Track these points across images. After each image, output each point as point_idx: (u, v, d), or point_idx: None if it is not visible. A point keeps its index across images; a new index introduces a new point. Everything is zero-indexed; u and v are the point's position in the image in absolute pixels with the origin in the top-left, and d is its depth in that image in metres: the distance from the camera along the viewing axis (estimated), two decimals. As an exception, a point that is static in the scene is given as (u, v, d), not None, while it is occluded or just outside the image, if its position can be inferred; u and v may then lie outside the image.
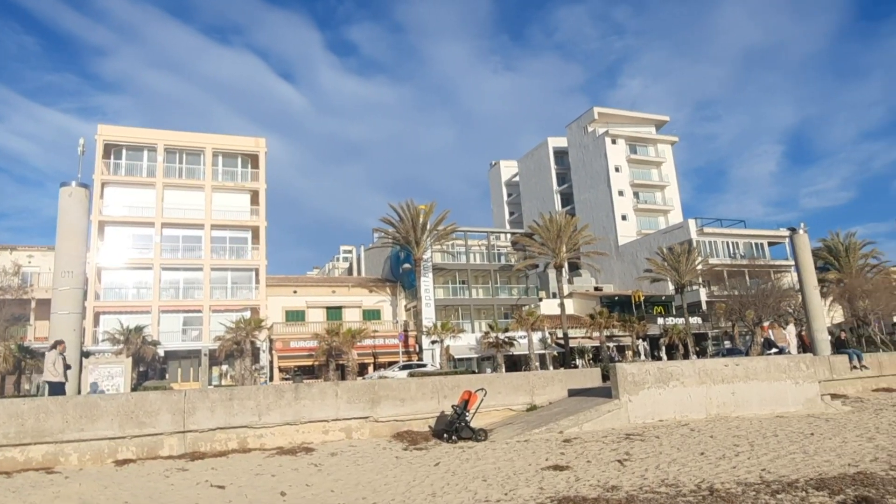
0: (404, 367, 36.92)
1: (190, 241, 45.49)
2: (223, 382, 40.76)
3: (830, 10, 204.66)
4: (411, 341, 46.52)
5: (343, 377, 38.98)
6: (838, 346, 21.03)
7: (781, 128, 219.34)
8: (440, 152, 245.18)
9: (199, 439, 11.25)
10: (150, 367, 40.57)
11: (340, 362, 41.14)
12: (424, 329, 44.24)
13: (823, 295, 38.72)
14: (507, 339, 42.64)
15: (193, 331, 43.92)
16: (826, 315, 39.29)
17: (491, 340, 42.78)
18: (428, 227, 47.34)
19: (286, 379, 40.47)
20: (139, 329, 38.07)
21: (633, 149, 72.95)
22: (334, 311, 48.29)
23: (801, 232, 23.62)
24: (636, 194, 71.48)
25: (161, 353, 40.45)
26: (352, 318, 47.39)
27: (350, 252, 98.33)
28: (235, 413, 11.68)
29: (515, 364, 44.55)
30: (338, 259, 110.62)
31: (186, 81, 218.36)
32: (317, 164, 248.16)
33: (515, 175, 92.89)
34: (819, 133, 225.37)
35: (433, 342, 43.05)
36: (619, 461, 9.37)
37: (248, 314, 43.39)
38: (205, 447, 11.16)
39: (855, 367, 18.80)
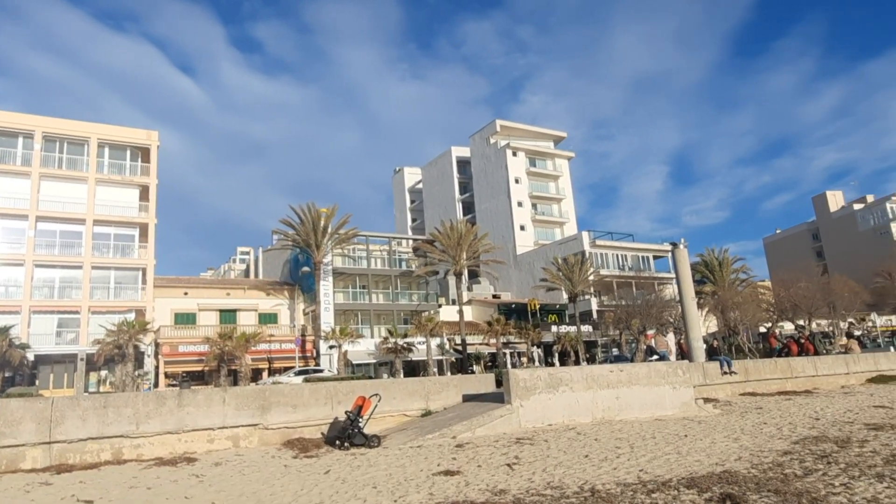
0: (300, 373, 36.02)
1: (69, 237, 42.15)
2: (101, 389, 38.02)
3: (712, 45, 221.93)
4: (309, 346, 45.50)
5: (235, 383, 37.45)
6: (711, 354, 22.59)
7: (667, 150, 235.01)
8: (345, 156, 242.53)
9: (68, 450, 10.41)
10: (18, 373, 37.12)
11: (233, 368, 39.52)
12: (323, 334, 43.42)
13: (700, 306, 41.62)
14: (405, 345, 42.66)
15: (69, 333, 40.67)
16: (702, 324, 42.24)
17: (389, 346, 42.64)
18: (329, 230, 46.58)
19: (172, 385, 38.35)
20: (4, 330, 34.78)
21: (532, 162, 75.36)
22: (228, 315, 46.38)
23: (681, 247, 25.20)
24: (534, 206, 73.83)
25: (31, 357, 37.14)
26: (247, 321, 45.70)
27: (247, 254, 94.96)
28: (110, 422, 10.91)
29: (413, 370, 44.64)
30: (234, 261, 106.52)
31: (75, 67, 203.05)
32: (216, 161, 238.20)
33: (419, 182, 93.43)
34: (699, 157, 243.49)
35: (331, 347, 42.33)
36: (508, 465, 9.57)
37: (132, 316, 40.74)
38: (74, 459, 10.35)
39: (725, 373, 20.28)
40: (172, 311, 44.62)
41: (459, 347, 45.67)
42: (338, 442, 11.82)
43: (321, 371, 38.01)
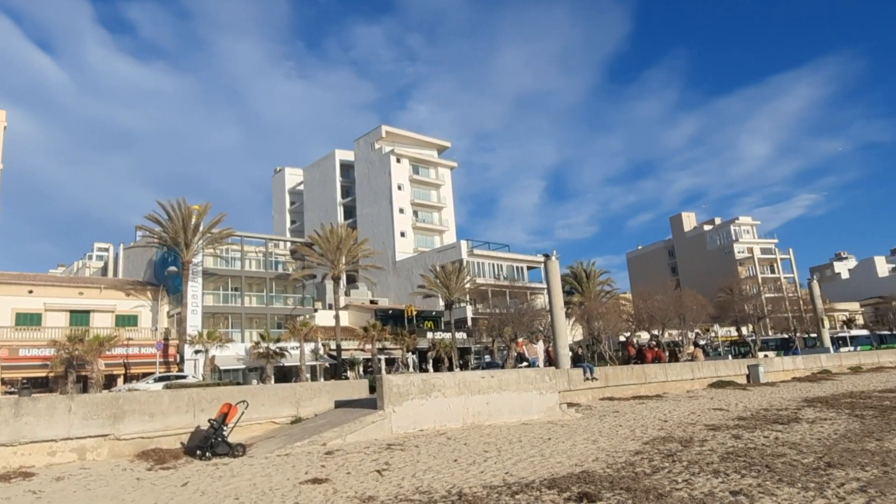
0: (161, 379, 33.74)
1: None
2: (-81, 397, 33.40)
3: (590, 70, 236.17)
4: (172, 351, 42.76)
5: (85, 390, 34.36)
6: (576, 361, 23.86)
7: (545, 166, 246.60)
8: (223, 152, 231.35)
9: None
10: None
11: (83, 374, 36.24)
12: (188, 338, 40.98)
13: (568, 315, 43.84)
14: (278, 350, 41.29)
15: None
16: (569, 333, 44.51)
17: (261, 351, 41.07)
18: (201, 228, 44.14)
19: (10, 393, 34.48)
20: None
21: (415, 169, 76.00)
22: (80, 316, 42.50)
23: (553, 259, 26.43)
24: (416, 213, 74.44)
25: None
26: (102, 323, 42.11)
27: (106, 250, 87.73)
28: (-72, 434, 9.62)
29: (286, 376, 43.28)
30: (90, 257, 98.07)
31: None
32: (75, 149, 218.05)
33: (300, 184, 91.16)
34: (574, 174, 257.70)
35: (197, 352, 40.04)
36: (378, 471, 9.53)
37: (-38, 315, 36.25)
38: None
39: (588, 379, 21.50)
40: (13, 310, 40.20)
41: (334, 353, 44.93)
42: (199, 452, 11.18)
43: (184, 377, 35.83)
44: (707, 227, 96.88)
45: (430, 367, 46.93)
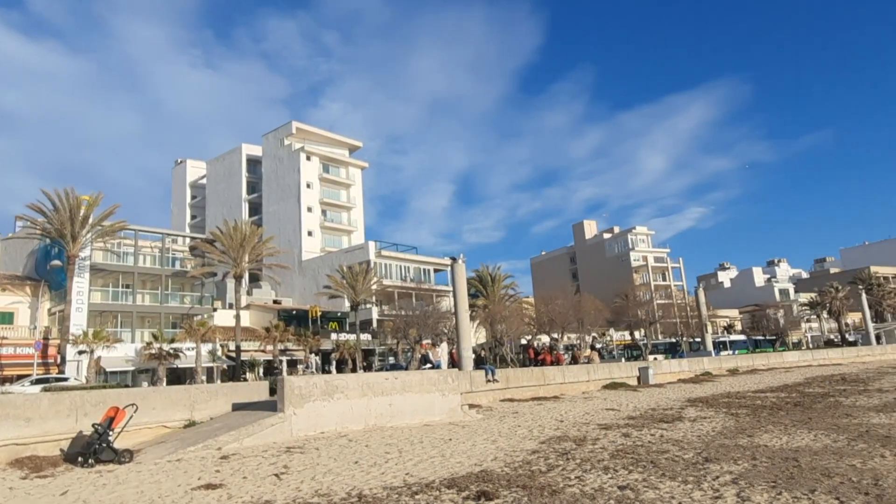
0: (39, 381, 31.30)
1: None
2: None
3: (502, 79, 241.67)
4: (52, 351, 39.66)
5: (-52, 394, 31.26)
6: (478, 363, 24.33)
7: (455, 170, 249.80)
8: (119, 141, 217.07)
9: None
10: None
11: (-54, 375, 32.97)
12: (71, 337, 38.20)
13: (472, 318, 44.58)
14: (172, 351, 39.32)
15: None
16: (473, 335, 45.27)
17: (153, 352, 38.95)
18: (90, 221, 41.29)
19: None
20: None
21: (326, 168, 74.78)
22: (-56, 312, 38.67)
23: (460, 262, 26.80)
24: (324, 212, 73.24)
25: None
26: (-30, 320, 38.52)
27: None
28: None
29: (180, 378, 41.26)
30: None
31: None
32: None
33: (203, 177, 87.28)
34: (482, 179, 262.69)
35: (81, 352, 37.39)
36: (276, 475, 9.32)
37: None
38: None
39: (489, 381, 21.97)
40: None
41: (233, 354, 43.35)
42: (81, 458, 10.48)
43: (66, 379, 33.38)
44: (607, 236, 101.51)
45: (332, 368, 46.27)
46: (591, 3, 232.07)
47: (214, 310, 50.22)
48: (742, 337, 66.86)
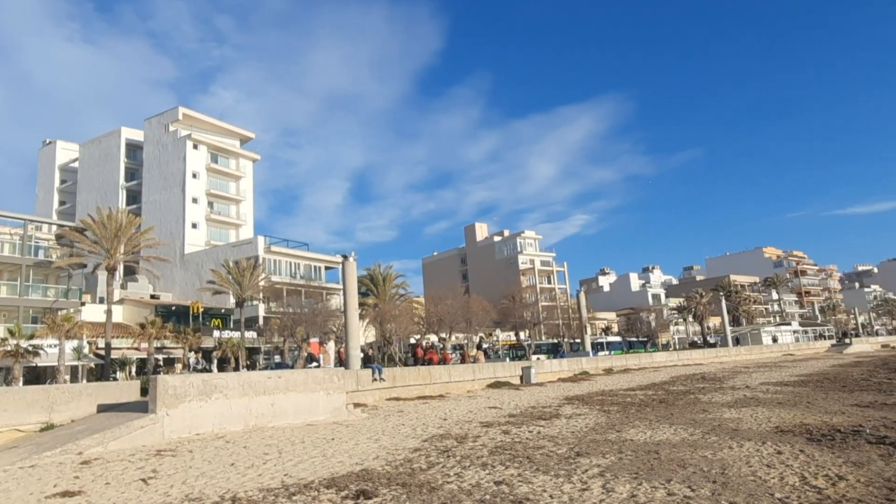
0: None
1: None
2: None
3: (402, 79, 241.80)
4: None
5: None
6: (366, 362, 24.23)
7: (350, 168, 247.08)
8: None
9: None
10: None
11: None
12: None
13: (362, 317, 44.26)
14: (31, 348, 35.97)
15: None
16: (362, 334, 44.96)
17: (9, 348, 35.44)
18: (-66, 201, 36.97)
19: None
20: None
21: (214, 158, 71.44)
22: None
23: (351, 261, 26.58)
24: (211, 204, 69.93)
25: None
26: None
27: None
28: None
29: (40, 377, 37.81)
30: None
31: None
32: None
33: (75, 160, 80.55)
34: (378, 178, 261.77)
35: (-80, 349, 33.36)
36: (143, 480, 8.81)
37: None
38: None
39: (376, 380, 21.93)
40: None
41: (102, 352, 40.34)
42: (-88, 467, 9.39)
43: None
44: (497, 238, 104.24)
45: (214, 367, 44.27)
46: (491, 12, 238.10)
47: (83, 304, 46.57)
48: (618, 338, 70.97)
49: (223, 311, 53.16)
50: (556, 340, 66.01)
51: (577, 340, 59.15)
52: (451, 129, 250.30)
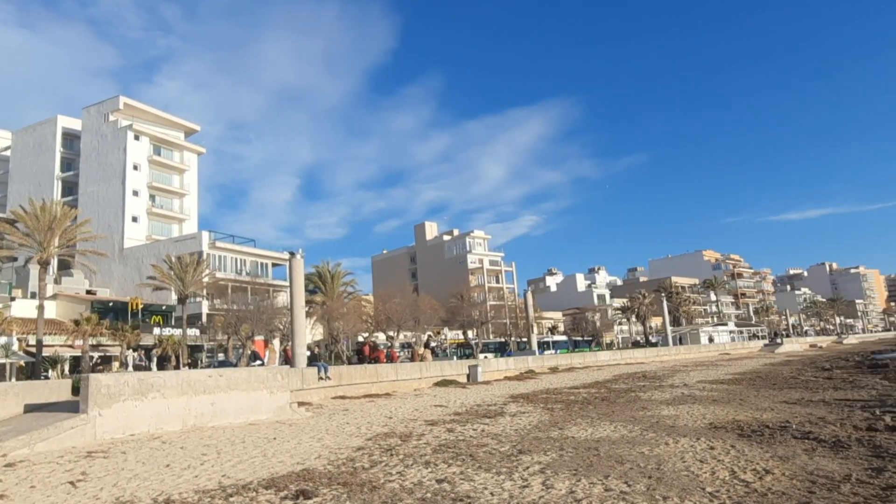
0: None
1: None
2: None
3: (353, 76, 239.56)
4: None
5: None
6: (312, 360, 23.91)
7: (300, 164, 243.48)
8: None
9: None
10: None
11: None
12: None
13: (309, 314, 43.66)
14: (-46, 345, 34.09)
15: None
16: (309, 332, 44.33)
17: (-70, 346, 33.52)
18: None
19: None
20: None
21: (157, 150, 69.21)
22: None
23: (298, 257, 26.17)
24: (153, 197, 67.73)
25: None
26: None
27: None
28: None
29: (-36, 376, 35.87)
30: None
31: None
32: None
33: (7, 149, 76.67)
34: (328, 175, 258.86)
35: None
36: (71, 483, 8.45)
37: None
38: None
39: (322, 378, 21.68)
40: None
41: (33, 349, 38.53)
42: None
43: None
44: (446, 238, 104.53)
45: (153, 365, 42.90)
46: (444, 13, 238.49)
47: (12, 299, 44.45)
48: (564, 338, 72.23)
49: (164, 307, 51.59)
50: (503, 339, 66.62)
51: (524, 339, 59.88)
52: (402, 128, 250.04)
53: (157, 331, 47.44)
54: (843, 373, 31.43)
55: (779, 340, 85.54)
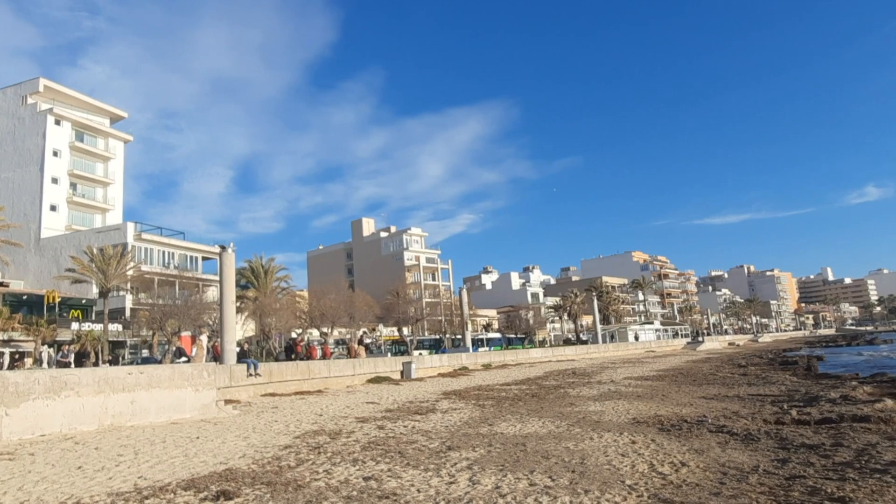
0: None
1: None
2: None
3: (292, 68, 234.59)
4: None
5: None
6: (242, 357, 23.31)
7: (235, 155, 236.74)
8: None
9: None
10: None
11: None
12: None
13: (240, 310, 42.57)
14: None
15: None
16: (241, 328, 43.22)
17: None
18: None
19: None
20: None
21: (80, 136, 65.75)
22: None
23: (229, 251, 25.42)
24: (74, 186, 64.34)
25: None
26: None
27: None
28: None
29: None
30: None
31: None
32: None
33: None
34: (264, 168, 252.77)
35: None
36: (-29, 487, 7.93)
37: None
38: None
39: (251, 375, 21.17)
40: None
41: (-63, 345, 35.98)
42: None
43: None
44: (383, 234, 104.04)
45: (71, 362, 40.74)
46: (385, 8, 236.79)
47: (-88, 291, 41.26)
48: (498, 335, 73.17)
49: (84, 301, 49.18)
50: (438, 336, 66.91)
51: (459, 336, 60.32)
52: (341, 123, 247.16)
53: (75, 326, 45.13)
54: (757, 369, 33.21)
55: (700, 339, 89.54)
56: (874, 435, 10.92)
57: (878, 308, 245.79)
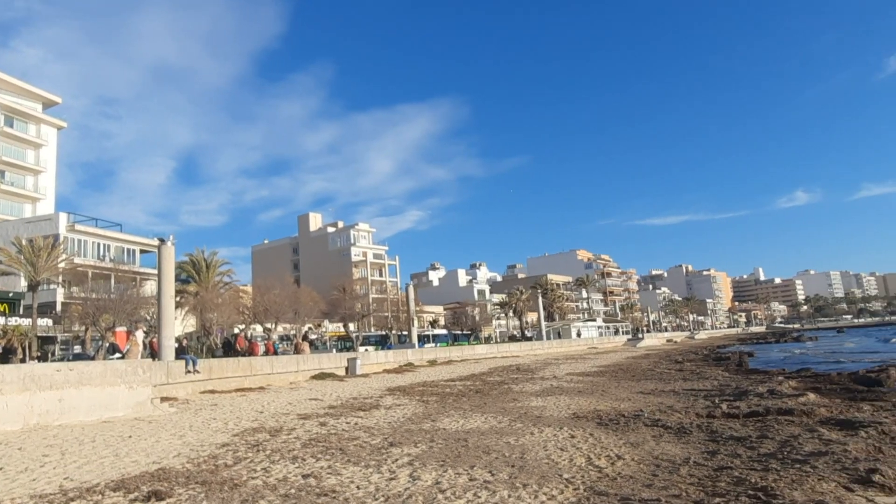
0: None
1: None
2: None
3: (238, 59, 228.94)
4: None
5: None
6: (180, 353, 22.65)
7: (177, 146, 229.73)
8: None
9: None
10: None
11: None
12: None
13: (181, 305, 41.34)
14: None
15: None
16: (181, 323, 41.98)
17: None
18: None
19: None
20: None
21: (9, 121, 62.39)
22: None
23: (168, 244, 24.65)
24: (2, 173, 61.02)
25: None
26: None
27: None
28: None
29: None
30: None
31: None
32: None
33: None
34: (208, 160, 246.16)
35: None
36: None
37: None
38: None
39: (189, 372, 20.59)
40: None
41: None
42: None
43: None
44: (331, 230, 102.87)
45: (-4, 359, 38.67)
46: (335, 1, 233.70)
47: None
48: (444, 331, 73.48)
49: (11, 294, 46.78)
50: (384, 332, 66.65)
51: (406, 333, 60.22)
52: (289, 116, 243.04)
53: (1, 320, 42.87)
54: (693, 365, 34.44)
55: (640, 336, 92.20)
56: (797, 427, 11.48)
57: (805, 307, 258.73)
